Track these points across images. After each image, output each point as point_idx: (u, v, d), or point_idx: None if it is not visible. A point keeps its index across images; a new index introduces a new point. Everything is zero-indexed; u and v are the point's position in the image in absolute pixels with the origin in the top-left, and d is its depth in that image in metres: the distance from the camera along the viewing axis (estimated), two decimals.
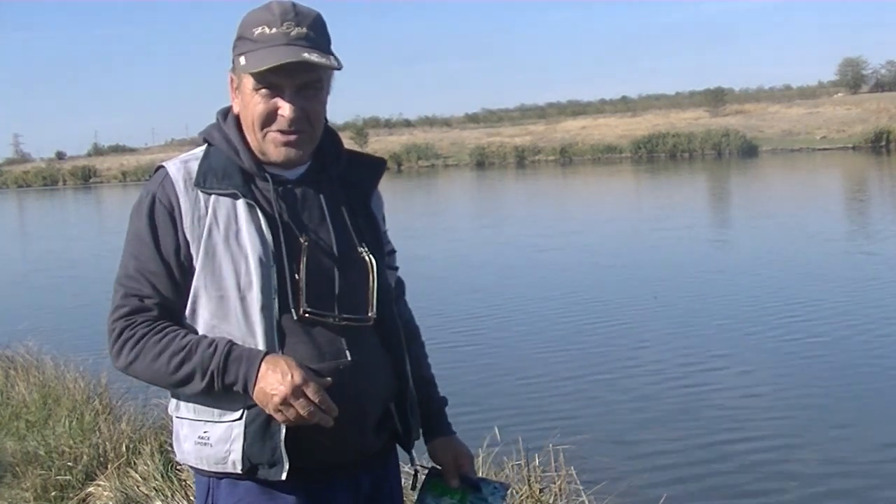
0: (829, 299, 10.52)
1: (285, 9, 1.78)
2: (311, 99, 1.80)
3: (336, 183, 1.91)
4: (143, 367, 1.76)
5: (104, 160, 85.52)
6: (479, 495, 1.97)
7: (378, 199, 2.01)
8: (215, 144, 1.86)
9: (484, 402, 7.11)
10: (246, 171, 1.82)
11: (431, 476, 2.02)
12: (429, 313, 9.66)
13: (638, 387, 7.58)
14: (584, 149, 61.96)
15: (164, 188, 1.81)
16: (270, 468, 1.76)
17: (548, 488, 4.18)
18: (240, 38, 1.81)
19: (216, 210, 1.79)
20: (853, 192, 27.03)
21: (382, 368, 1.89)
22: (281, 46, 1.75)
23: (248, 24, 1.80)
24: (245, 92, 1.80)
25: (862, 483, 5.48)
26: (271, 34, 1.76)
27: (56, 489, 4.55)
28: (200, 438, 1.80)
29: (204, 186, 1.80)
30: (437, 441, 2.04)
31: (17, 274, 19.13)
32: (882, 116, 57.20)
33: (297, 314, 1.77)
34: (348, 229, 1.87)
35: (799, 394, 7.18)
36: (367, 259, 1.86)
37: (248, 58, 1.77)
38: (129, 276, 1.79)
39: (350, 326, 1.82)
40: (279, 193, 1.83)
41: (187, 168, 1.83)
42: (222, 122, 1.88)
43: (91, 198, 55.32)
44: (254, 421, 1.75)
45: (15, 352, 7.52)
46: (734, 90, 79.86)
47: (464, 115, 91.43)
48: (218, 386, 1.71)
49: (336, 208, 1.88)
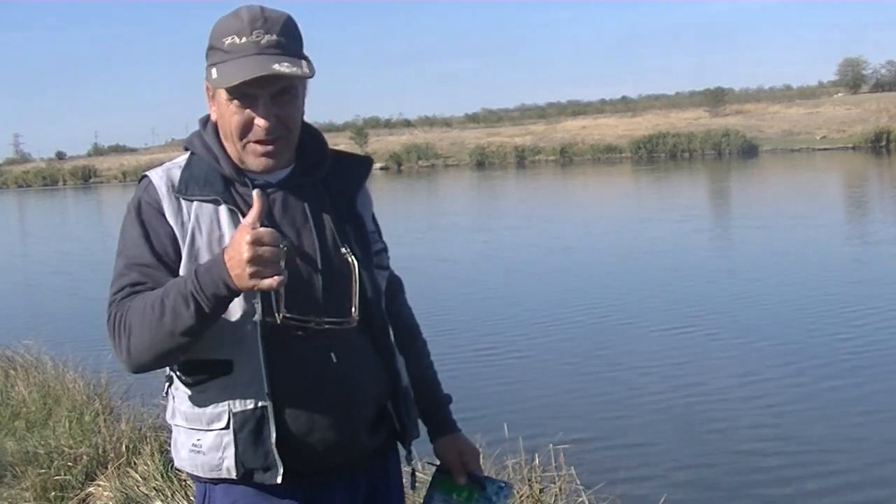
0: (830, 299, 10.53)
1: (254, 15, 1.76)
2: (285, 105, 1.79)
3: (320, 184, 1.90)
4: (138, 334, 1.69)
5: (104, 160, 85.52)
6: (484, 493, 1.97)
7: (365, 199, 1.99)
8: (196, 152, 1.86)
9: (484, 402, 7.11)
10: (227, 178, 1.82)
11: (439, 473, 2.02)
12: (429, 313, 9.67)
13: (638, 387, 7.58)
14: (585, 149, 61.94)
15: (149, 193, 1.81)
16: (265, 472, 1.77)
17: (548, 488, 4.18)
18: (211, 48, 1.79)
19: (199, 216, 1.79)
20: (853, 193, 27.03)
21: (371, 369, 1.88)
22: (251, 57, 1.73)
23: (218, 33, 1.78)
24: (220, 102, 1.79)
25: (863, 483, 5.48)
26: (241, 44, 1.74)
27: (56, 489, 4.55)
28: (194, 446, 1.81)
29: (185, 193, 1.80)
30: (443, 439, 2.04)
31: (18, 274, 19.14)
32: (882, 116, 57.17)
33: (279, 319, 1.76)
34: (331, 232, 1.86)
35: (800, 394, 7.18)
36: (349, 261, 1.85)
37: (220, 70, 1.75)
38: (121, 274, 1.79)
39: (334, 329, 1.81)
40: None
41: (169, 175, 1.83)
42: (202, 130, 1.88)
43: (91, 198, 55.29)
44: (243, 427, 1.76)
45: (15, 352, 7.52)
46: (734, 90, 79.94)
47: (464, 115, 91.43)
48: (205, 304, 1.63)
49: (319, 211, 1.87)
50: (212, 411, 1.78)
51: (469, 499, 1.97)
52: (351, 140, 64.23)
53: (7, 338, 8.30)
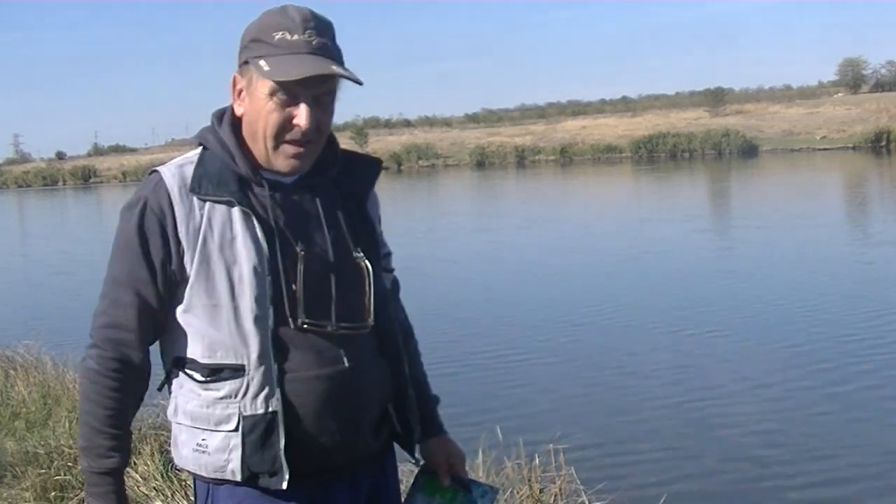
0: (832, 300, 10.52)
1: (305, 16, 1.72)
2: (325, 110, 1.76)
3: (332, 185, 1.87)
4: (80, 399, 1.84)
5: (104, 160, 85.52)
6: (469, 497, 1.96)
7: (374, 201, 1.97)
8: (210, 148, 1.81)
9: (484, 403, 7.12)
10: (242, 177, 1.77)
11: (423, 474, 2.01)
12: (430, 313, 9.67)
13: (639, 387, 7.58)
14: (585, 149, 61.94)
15: (156, 194, 1.75)
16: (271, 477, 1.75)
17: (548, 488, 4.18)
18: (256, 41, 1.73)
19: (211, 218, 1.74)
20: (854, 193, 27.02)
21: (379, 372, 1.87)
22: (307, 56, 1.69)
23: (266, 27, 1.73)
24: (257, 97, 1.73)
25: (863, 483, 5.47)
26: (293, 41, 1.70)
27: (56, 489, 4.54)
28: (199, 446, 1.78)
29: (199, 192, 1.74)
30: (430, 441, 2.02)
31: (18, 274, 19.14)
32: (882, 116, 57.17)
33: (294, 325, 1.74)
34: (344, 235, 1.84)
35: (801, 394, 7.18)
36: (363, 265, 1.83)
37: (271, 63, 1.69)
38: (118, 283, 1.76)
39: (348, 334, 1.80)
40: (275, 200, 1.79)
41: (182, 173, 1.77)
42: (217, 126, 1.82)
43: (91, 198, 55.28)
44: (252, 431, 1.73)
45: (15, 352, 7.52)
46: (734, 90, 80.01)
47: (464, 115, 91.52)
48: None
49: (332, 213, 1.84)
50: (221, 413, 1.75)
51: (453, 501, 1.96)
52: (351, 140, 64.15)
53: (7, 338, 8.30)
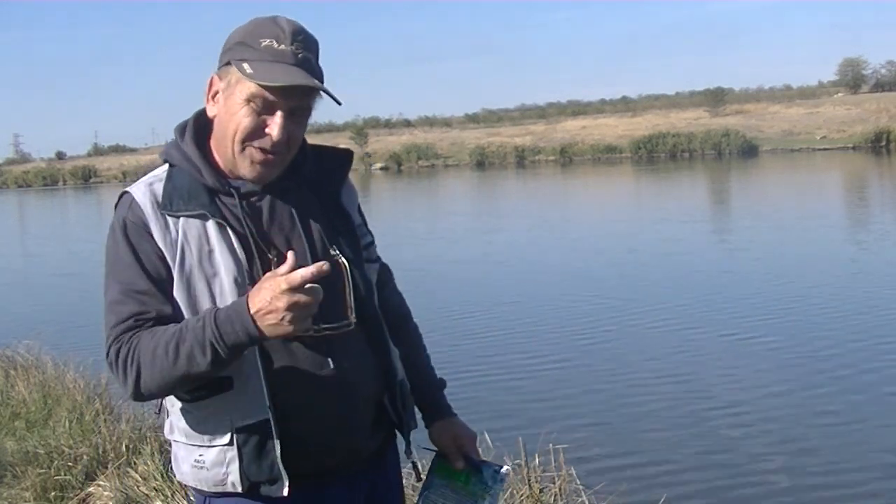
0: (833, 300, 10.51)
1: (295, 28, 1.73)
2: (298, 124, 1.76)
3: (304, 184, 1.86)
4: (148, 374, 1.67)
5: (104, 160, 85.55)
6: (481, 478, 1.96)
7: (349, 192, 1.96)
8: (176, 164, 1.80)
9: (484, 402, 7.11)
10: (211, 189, 1.77)
11: (438, 458, 2.01)
12: (430, 313, 9.66)
13: (639, 387, 7.57)
14: (585, 149, 61.95)
15: (134, 213, 1.75)
16: (271, 485, 1.75)
17: (548, 488, 4.18)
18: (241, 44, 1.73)
19: (187, 232, 1.74)
20: (854, 193, 27.02)
21: (369, 369, 1.87)
22: (291, 66, 1.70)
23: (253, 32, 1.73)
24: (234, 100, 1.73)
25: (866, 484, 5.47)
26: (279, 50, 1.70)
27: (56, 489, 4.55)
28: (196, 462, 1.78)
29: (171, 209, 1.74)
30: (438, 423, 2.03)
31: (18, 273, 19.14)
32: (882, 116, 57.18)
33: None
34: (320, 234, 1.84)
35: (801, 394, 7.17)
36: (340, 262, 1.82)
37: (255, 67, 1.69)
38: (117, 301, 1.73)
39: (331, 334, 1.79)
40: (246, 208, 1.78)
41: (152, 191, 1.76)
42: (180, 140, 1.82)
43: (91, 198, 55.26)
44: (246, 442, 1.73)
45: (15, 352, 7.53)
46: (734, 90, 79.90)
47: (464, 115, 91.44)
48: (224, 352, 1.61)
49: (306, 213, 1.83)
50: (213, 427, 1.75)
51: (467, 483, 1.96)
52: (351, 140, 64.18)
53: (7, 338, 8.30)
